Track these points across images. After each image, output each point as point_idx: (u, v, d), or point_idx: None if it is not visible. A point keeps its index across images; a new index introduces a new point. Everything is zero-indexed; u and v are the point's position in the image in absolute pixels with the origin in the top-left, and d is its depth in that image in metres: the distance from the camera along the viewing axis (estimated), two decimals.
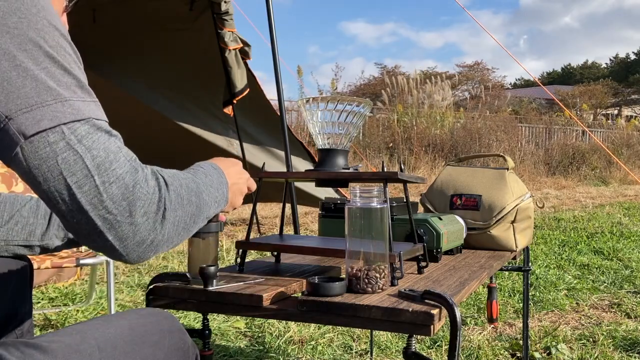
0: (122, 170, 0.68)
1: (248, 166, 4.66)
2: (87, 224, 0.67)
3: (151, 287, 1.09)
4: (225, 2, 3.93)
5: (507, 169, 1.73)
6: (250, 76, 4.34)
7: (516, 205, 1.65)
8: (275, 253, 1.36)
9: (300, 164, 4.77)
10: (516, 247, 1.64)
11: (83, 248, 2.52)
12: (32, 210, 1.02)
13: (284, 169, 4.07)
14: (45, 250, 1.04)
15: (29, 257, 1.07)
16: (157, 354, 0.83)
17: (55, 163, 0.64)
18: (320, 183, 1.24)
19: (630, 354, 2.29)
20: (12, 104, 0.63)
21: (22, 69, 0.64)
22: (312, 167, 1.36)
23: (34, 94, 0.64)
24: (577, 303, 3.03)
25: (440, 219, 1.44)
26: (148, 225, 0.70)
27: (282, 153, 4.35)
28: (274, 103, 4.68)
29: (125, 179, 0.68)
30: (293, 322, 2.42)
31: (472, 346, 2.31)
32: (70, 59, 0.72)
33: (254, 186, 1.08)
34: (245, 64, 4.23)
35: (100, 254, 2.28)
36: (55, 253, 2.41)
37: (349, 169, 1.21)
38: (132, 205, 0.68)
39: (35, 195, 1.05)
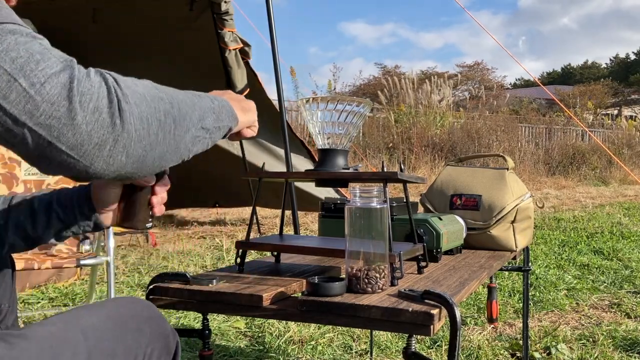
0: (54, 69, 0.59)
1: (248, 166, 4.66)
2: (32, 139, 0.59)
3: (151, 287, 1.09)
4: (225, 2, 3.94)
5: (507, 169, 1.73)
6: (252, 75, 4.34)
7: (516, 205, 1.65)
8: (275, 253, 1.36)
9: (301, 164, 4.77)
10: (516, 247, 1.64)
11: (83, 249, 2.52)
12: None
13: (284, 169, 4.08)
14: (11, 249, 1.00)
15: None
16: (140, 341, 0.83)
17: None
18: (320, 183, 1.24)
19: (630, 354, 2.29)
20: None
21: None
22: (312, 167, 1.36)
23: None
24: (577, 303, 3.03)
25: (440, 219, 1.44)
26: (104, 122, 0.61)
27: (283, 152, 4.35)
28: (274, 103, 4.69)
29: (59, 77, 0.59)
30: (293, 322, 2.42)
31: (472, 346, 2.31)
32: None
33: (254, 106, 0.96)
34: (247, 63, 4.24)
35: (102, 253, 2.28)
36: (56, 253, 2.41)
37: (349, 169, 1.21)
38: (77, 102, 0.59)
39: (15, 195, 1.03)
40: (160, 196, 0.97)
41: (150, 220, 0.98)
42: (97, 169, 0.63)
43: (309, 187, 4.90)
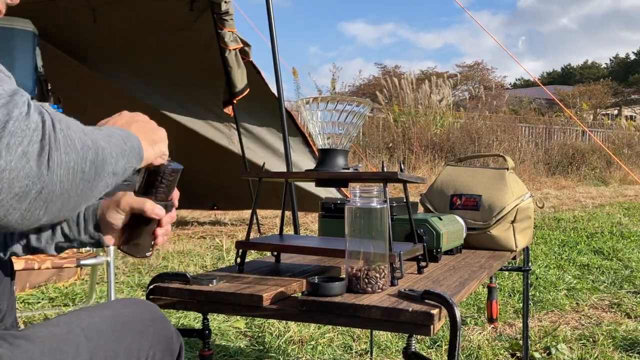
0: None
1: (248, 165, 4.66)
2: None
3: (151, 287, 1.09)
4: (225, 2, 3.94)
5: (507, 169, 1.73)
6: (255, 72, 4.34)
7: (516, 205, 1.65)
8: (275, 253, 1.36)
9: (304, 163, 4.77)
10: (516, 247, 1.64)
11: (83, 249, 2.52)
12: None
13: (285, 168, 4.08)
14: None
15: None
16: (142, 342, 0.83)
17: None
18: (320, 183, 1.24)
19: (630, 354, 2.29)
20: None
21: None
22: (314, 164, 1.36)
23: None
24: (577, 303, 3.03)
25: (440, 219, 1.44)
26: (30, 170, 0.55)
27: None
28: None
29: None
30: (293, 322, 2.42)
31: (472, 346, 2.31)
32: None
33: (164, 135, 0.91)
34: (251, 63, 4.24)
35: (102, 253, 2.28)
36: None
37: (349, 169, 1.21)
38: (4, 144, 0.54)
39: None
40: (165, 228, 0.95)
41: (150, 249, 0.97)
42: (10, 221, 0.56)
43: (310, 186, 4.90)
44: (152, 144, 0.85)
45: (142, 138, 0.82)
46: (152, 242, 0.97)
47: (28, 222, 0.58)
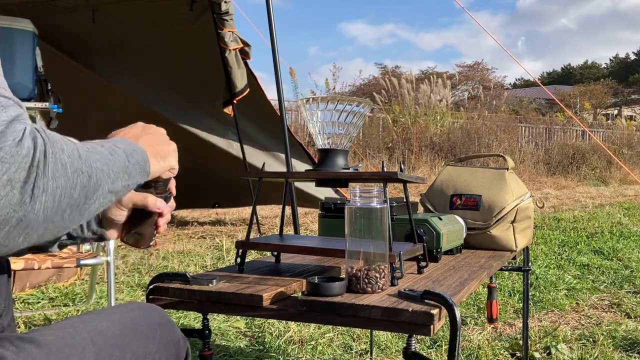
0: None
1: (248, 166, 4.66)
2: None
3: (151, 287, 1.09)
4: (225, 2, 3.94)
5: (507, 169, 1.73)
6: (251, 76, 4.34)
7: (516, 205, 1.65)
8: (275, 253, 1.36)
9: (300, 166, 4.77)
10: (516, 247, 1.64)
11: (83, 248, 2.52)
12: None
13: (284, 169, 4.08)
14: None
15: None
16: (149, 347, 0.83)
17: None
18: (320, 183, 1.24)
19: (630, 354, 2.29)
20: None
21: None
22: (311, 168, 1.36)
23: None
24: (577, 303, 3.02)
25: (440, 219, 1.44)
26: (12, 198, 0.54)
27: (282, 154, 4.36)
28: (274, 103, 4.69)
29: None
30: (293, 322, 2.42)
31: (472, 346, 2.31)
32: None
33: (174, 149, 0.90)
34: (246, 64, 4.24)
35: (102, 253, 2.28)
36: (56, 253, 2.41)
37: (349, 169, 1.21)
38: None
39: None
40: (166, 217, 0.98)
41: (153, 239, 0.99)
42: None
43: (309, 187, 4.90)
44: (160, 158, 0.86)
45: (150, 152, 0.82)
46: (155, 232, 0.99)
47: (6, 249, 0.57)
